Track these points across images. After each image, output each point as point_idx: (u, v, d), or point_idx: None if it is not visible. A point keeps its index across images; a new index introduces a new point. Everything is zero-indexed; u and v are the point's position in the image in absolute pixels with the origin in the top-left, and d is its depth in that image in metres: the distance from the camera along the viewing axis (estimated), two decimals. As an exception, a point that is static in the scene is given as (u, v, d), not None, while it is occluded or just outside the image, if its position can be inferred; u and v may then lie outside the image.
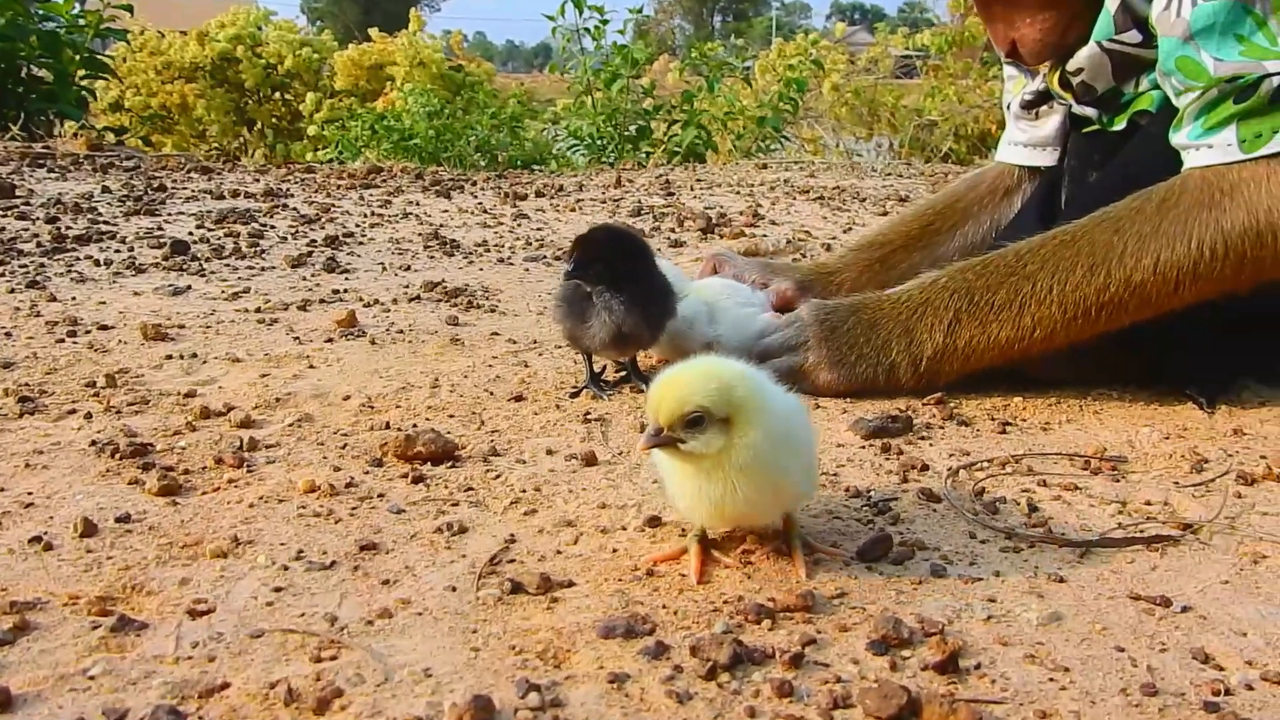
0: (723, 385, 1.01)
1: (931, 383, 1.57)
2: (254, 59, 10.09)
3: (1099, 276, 1.47)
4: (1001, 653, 0.92)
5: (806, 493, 1.11)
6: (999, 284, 1.53)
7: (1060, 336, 1.51)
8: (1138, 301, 1.46)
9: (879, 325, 1.59)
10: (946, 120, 8.47)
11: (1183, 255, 1.43)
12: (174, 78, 9.94)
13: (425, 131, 7.67)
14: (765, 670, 0.88)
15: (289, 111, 10.39)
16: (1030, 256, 1.53)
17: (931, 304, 1.57)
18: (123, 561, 1.04)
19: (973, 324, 1.54)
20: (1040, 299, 1.50)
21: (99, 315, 1.92)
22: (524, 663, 0.89)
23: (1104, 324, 1.49)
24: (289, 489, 1.22)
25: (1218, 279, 1.44)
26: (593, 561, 1.07)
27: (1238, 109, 1.42)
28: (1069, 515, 1.21)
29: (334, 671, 0.86)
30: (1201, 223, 1.43)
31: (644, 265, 1.54)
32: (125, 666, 0.86)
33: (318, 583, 1.01)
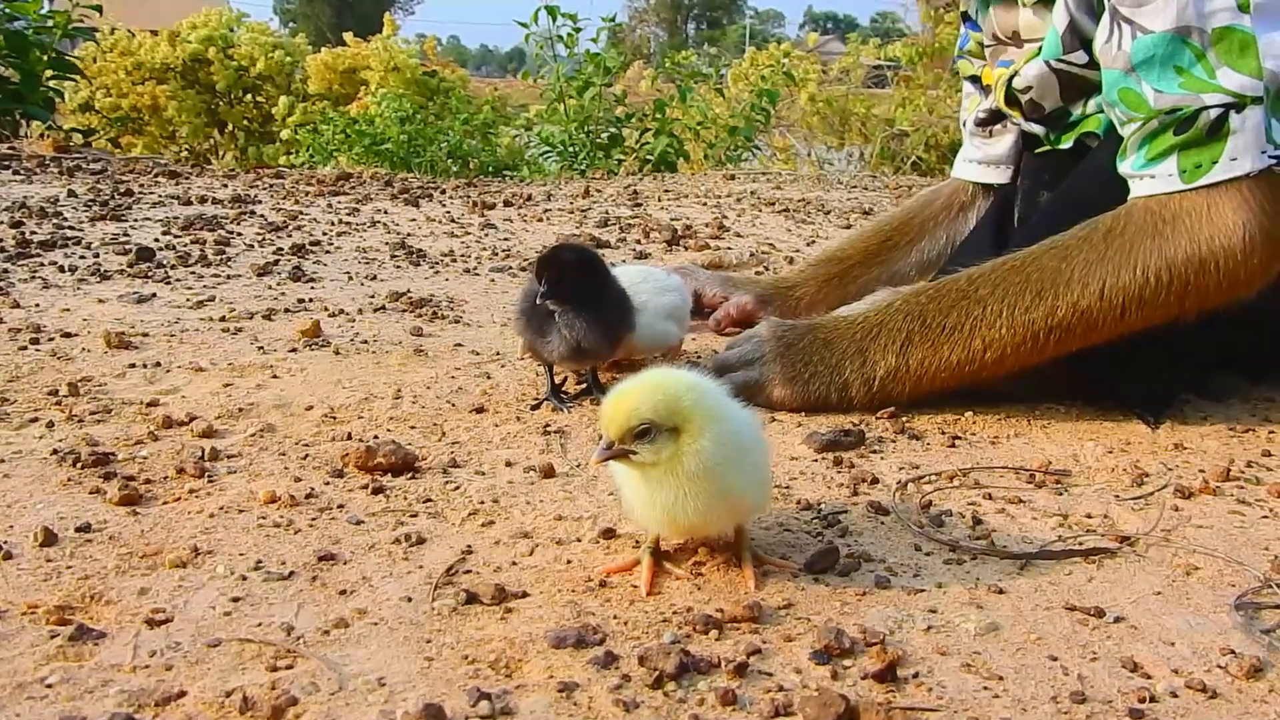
0: (668, 397, 1.04)
1: (884, 403, 1.61)
2: (226, 61, 10.05)
3: (1047, 301, 1.51)
4: (940, 662, 0.95)
5: (759, 504, 1.14)
6: (950, 307, 1.57)
7: (1010, 360, 1.55)
8: (1085, 327, 1.50)
9: (834, 344, 1.62)
10: (917, 131, 8.56)
11: (1128, 282, 1.47)
12: (145, 79, 9.88)
13: (398, 136, 7.67)
14: (710, 679, 0.91)
15: (260, 114, 10.36)
16: (981, 281, 1.57)
17: (885, 326, 1.60)
18: (82, 571, 1.05)
19: (924, 345, 1.57)
20: (990, 323, 1.54)
21: (62, 323, 1.93)
22: (476, 672, 0.91)
23: (1053, 348, 1.53)
24: (249, 499, 1.24)
25: (1163, 305, 1.48)
26: (547, 573, 1.10)
27: (1178, 140, 1.46)
28: (1012, 528, 1.25)
29: (289, 680, 0.88)
30: (1146, 250, 1.47)
31: (603, 281, 1.57)
32: (83, 675, 0.88)
33: (275, 593, 1.03)
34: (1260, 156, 1.43)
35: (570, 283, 1.52)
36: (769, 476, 1.15)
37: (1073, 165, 1.76)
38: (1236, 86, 1.43)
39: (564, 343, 1.52)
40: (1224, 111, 1.43)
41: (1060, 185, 1.76)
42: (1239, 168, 1.43)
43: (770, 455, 1.17)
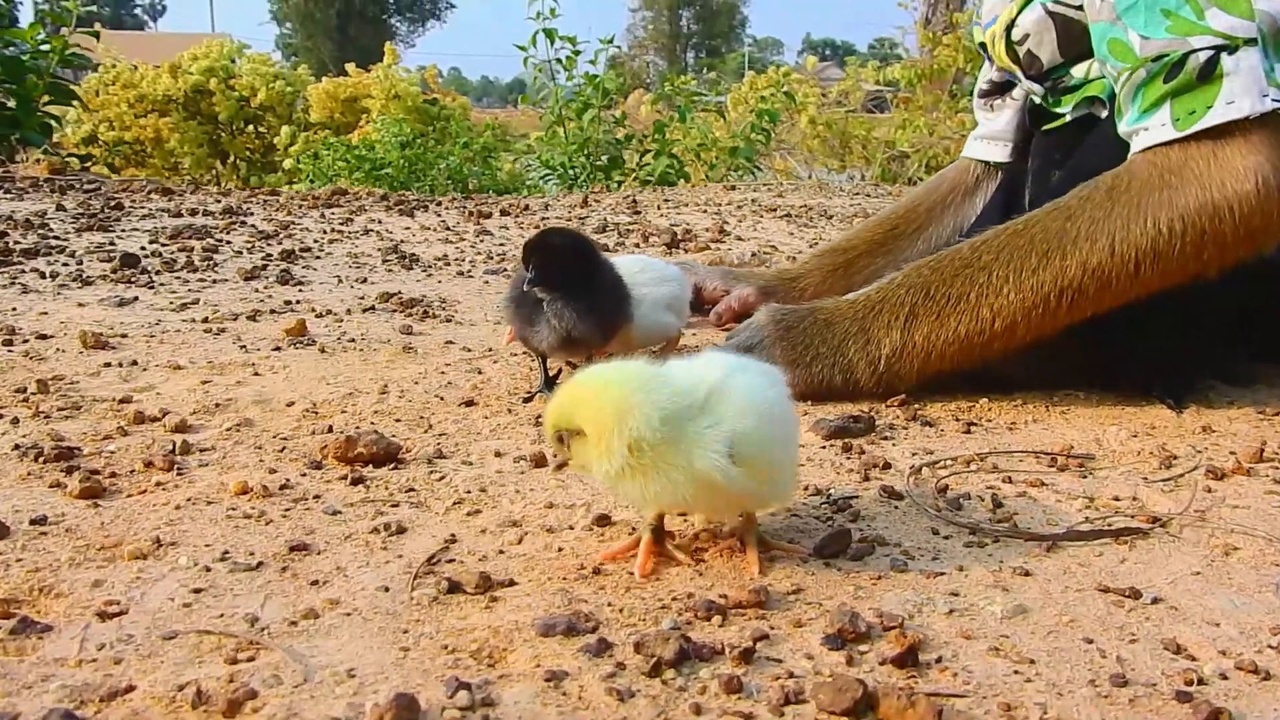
0: (574, 406, 0.98)
1: (892, 384, 1.53)
2: (227, 91, 10.04)
3: (1054, 263, 1.43)
4: (964, 646, 0.87)
5: (768, 493, 1.04)
6: (953, 277, 1.49)
7: (1021, 328, 1.46)
8: (1097, 286, 1.42)
9: (835, 325, 1.54)
10: (918, 152, 8.51)
11: (1139, 235, 1.39)
12: (147, 110, 9.86)
13: (398, 161, 7.63)
14: (713, 667, 0.83)
15: (262, 144, 10.34)
16: (984, 248, 1.49)
17: (888, 301, 1.52)
18: (32, 564, 0.97)
19: (929, 319, 1.49)
20: (997, 289, 1.45)
21: (39, 325, 1.86)
22: (456, 662, 0.83)
23: (1065, 313, 1.44)
24: (219, 490, 1.16)
25: (1180, 259, 1.39)
26: (537, 561, 1.02)
27: (1169, 87, 1.39)
28: (1034, 510, 1.16)
29: (249, 673, 0.80)
30: (1155, 203, 1.39)
31: (595, 267, 1.50)
32: (22, 670, 0.80)
33: (241, 584, 0.95)
34: (1261, 99, 1.35)
35: (559, 269, 1.45)
36: (779, 467, 1.04)
37: (1083, 143, 1.69)
38: (1226, 28, 1.35)
39: (553, 332, 1.45)
40: (1214, 55, 1.36)
41: (1069, 163, 1.69)
42: (1236, 110, 1.36)
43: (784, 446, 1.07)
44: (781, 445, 1.02)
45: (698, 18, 55.38)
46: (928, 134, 8.75)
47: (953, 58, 9.38)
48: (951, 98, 9.58)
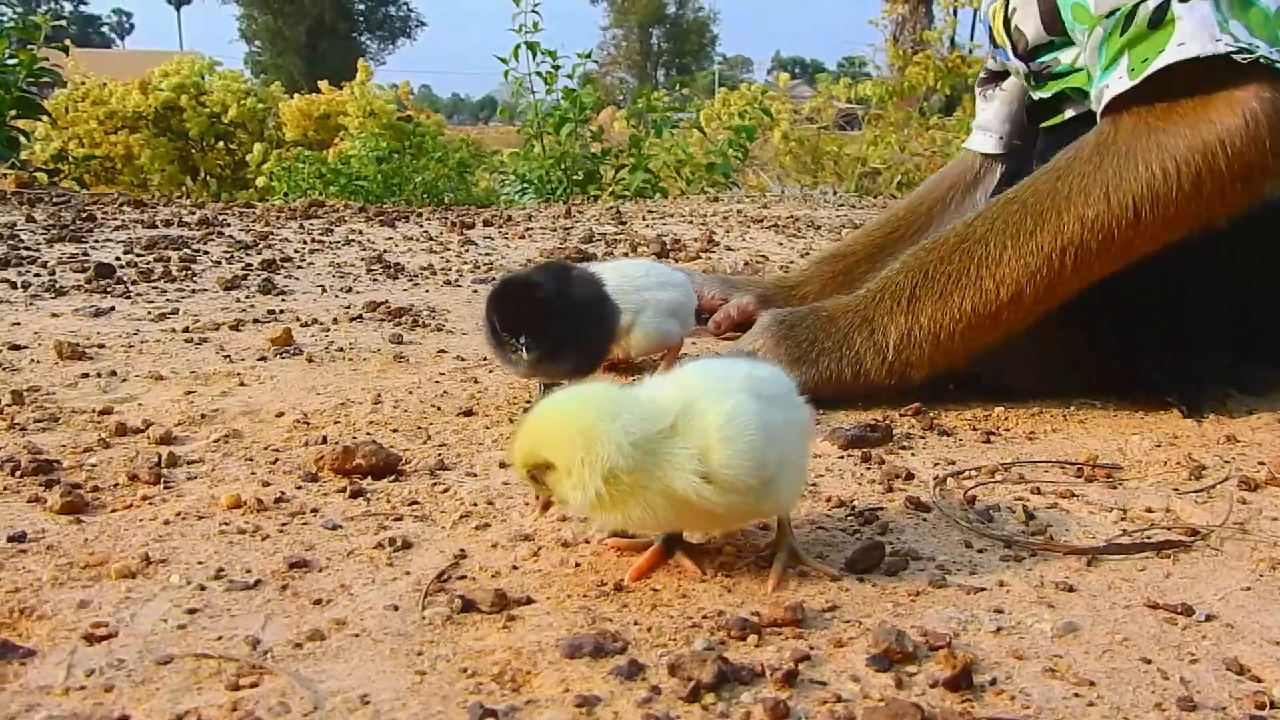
0: (529, 437, 0.92)
1: (904, 372, 1.47)
2: (198, 108, 9.92)
3: (1050, 222, 1.38)
4: (1017, 667, 0.82)
5: (767, 502, 0.96)
6: (951, 253, 1.44)
7: (1029, 296, 1.41)
8: (1100, 241, 1.37)
9: (838, 319, 1.49)
10: (889, 168, 8.54)
11: (1134, 182, 1.35)
12: (117, 127, 9.72)
13: (374, 175, 7.56)
14: (755, 690, 0.77)
15: (232, 160, 10.23)
16: (978, 223, 1.45)
17: (888, 289, 1.48)
18: (11, 584, 0.90)
19: (932, 298, 1.44)
20: (996, 259, 1.41)
21: (11, 336, 1.78)
22: (477, 686, 0.77)
23: (1071, 273, 1.39)
24: (210, 505, 1.09)
25: (1180, 201, 1.35)
26: (553, 577, 0.96)
27: (1124, 39, 1.38)
28: (1069, 523, 1.12)
29: (253, 700, 0.74)
30: (1144, 148, 1.36)
31: (569, 300, 1.38)
32: (4, 700, 0.73)
33: (239, 603, 0.89)
34: (1212, 42, 1.32)
35: (545, 322, 1.35)
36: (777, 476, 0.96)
37: None
38: None
39: (522, 364, 1.37)
40: (1164, 2, 1.35)
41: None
42: (1186, 51, 1.33)
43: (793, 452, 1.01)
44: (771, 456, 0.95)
45: (668, 36, 55.62)
46: (899, 150, 8.79)
47: (923, 76, 9.43)
48: (922, 115, 9.63)
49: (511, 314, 1.34)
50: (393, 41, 53.07)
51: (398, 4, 52.18)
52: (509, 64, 7.14)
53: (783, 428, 0.96)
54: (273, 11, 45.27)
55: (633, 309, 1.55)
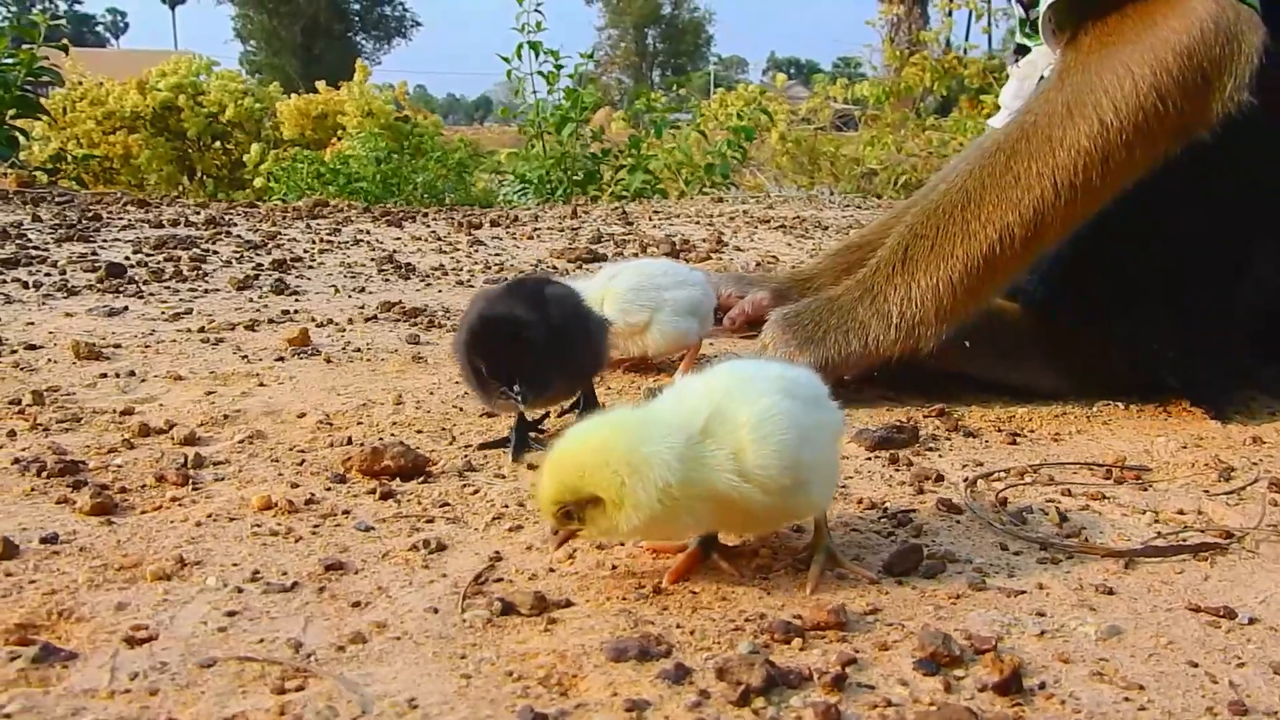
0: (567, 473, 0.89)
1: (913, 335, 1.44)
2: (196, 108, 9.90)
3: (1023, 151, 1.39)
4: (1064, 670, 0.81)
5: (801, 503, 0.95)
6: (936, 208, 1.44)
7: (1019, 234, 1.39)
8: (1076, 161, 1.37)
9: (839, 298, 1.49)
10: (886, 169, 8.53)
11: (1097, 94, 1.36)
12: (115, 128, 9.70)
13: (373, 176, 7.55)
14: (804, 694, 0.76)
15: (229, 160, 10.20)
16: (958, 179, 1.45)
17: (883, 260, 1.47)
18: (48, 585, 0.90)
19: (926, 255, 1.43)
20: (978, 200, 1.40)
21: (26, 335, 1.77)
22: (525, 690, 0.76)
23: (1056, 201, 1.38)
24: (241, 506, 1.08)
25: (1149, 110, 1.35)
26: (591, 580, 0.95)
27: None
28: (1102, 525, 1.11)
29: (301, 704, 0.73)
30: (1100, 64, 1.38)
31: (550, 331, 1.24)
32: (49, 703, 0.72)
33: (277, 606, 0.88)
34: None
35: (533, 359, 1.22)
36: (811, 476, 0.95)
37: None
38: None
39: (506, 406, 1.27)
40: None
41: None
42: None
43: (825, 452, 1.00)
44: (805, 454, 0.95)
45: (664, 36, 55.62)
46: (895, 151, 8.78)
47: (919, 77, 9.43)
48: (918, 115, 9.63)
49: (500, 358, 1.21)
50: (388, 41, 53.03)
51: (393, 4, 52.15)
52: (511, 63, 7.13)
53: (814, 428, 0.96)
54: (268, 11, 45.20)
55: (651, 308, 1.55)
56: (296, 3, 44.81)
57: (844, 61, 28.28)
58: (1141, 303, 1.49)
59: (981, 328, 1.50)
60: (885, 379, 1.56)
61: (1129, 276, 1.49)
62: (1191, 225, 1.47)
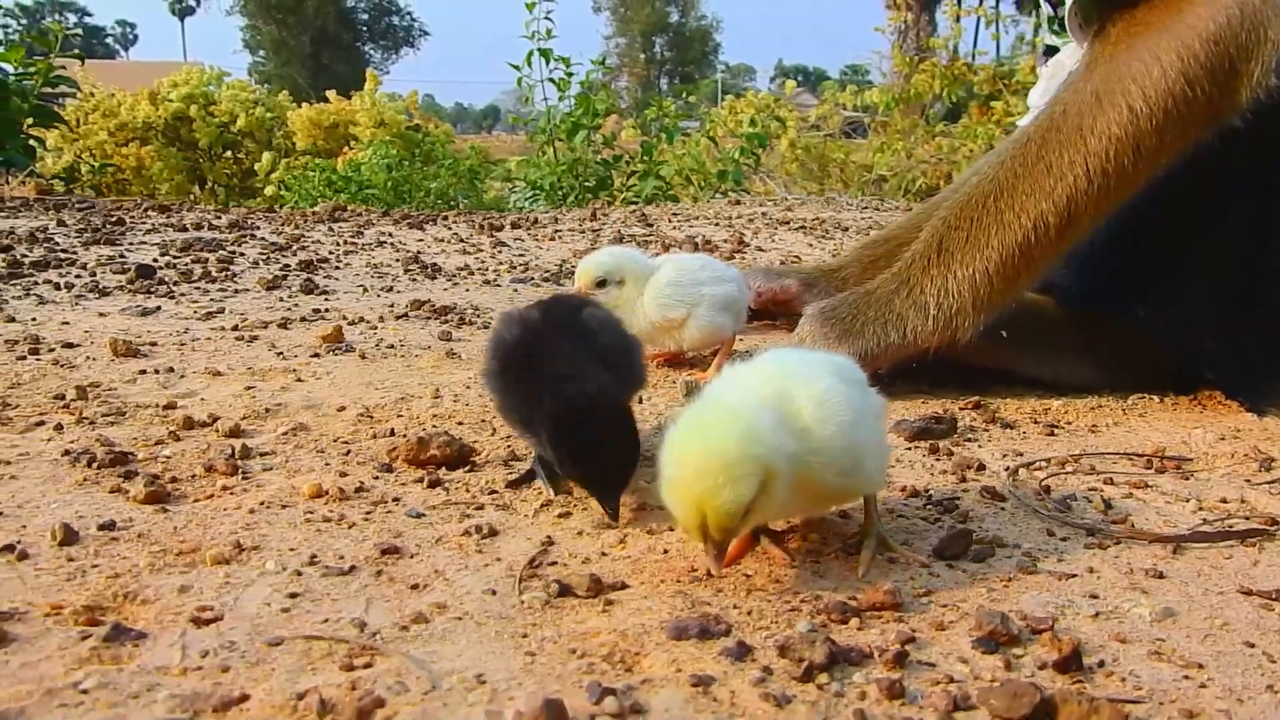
0: (730, 482, 0.84)
1: (951, 325, 1.44)
2: (208, 118, 9.95)
3: (1053, 141, 1.40)
4: (1122, 650, 0.82)
5: (854, 482, 0.95)
6: (969, 200, 1.45)
7: (1053, 223, 1.40)
8: (1108, 148, 1.37)
9: (875, 290, 1.50)
10: (896, 175, 8.53)
11: (1126, 82, 1.37)
12: (128, 139, 9.75)
13: (384, 184, 7.58)
14: (866, 671, 0.77)
15: (240, 170, 10.25)
16: (987, 171, 1.47)
17: (918, 253, 1.48)
18: (110, 569, 0.91)
19: (961, 246, 1.43)
20: (1011, 189, 1.41)
21: (62, 334, 1.78)
22: (590, 667, 0.77)
23: (1089, 189, 1.39)
24: (292, 494, 1.09)
25: (1178, 96, 1.36)
26: (643, 563, 0.96)
27: None
28: (1147, 512, 1.12)
29: (371, 680, 0.74)
30: (1129, 54, 1.38)
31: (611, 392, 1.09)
32: (123, 679, 0.73)
33: (337, 588, 0.89)
34: None
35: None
36: (864, 455, 0.95)
37: None
38: None
39: None
40: None
41: None
42: None
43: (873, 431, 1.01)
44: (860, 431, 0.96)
45: (671, 44, 55.69)
46: (905, 157, 8.78)
47: (929, 84, 9.43)
48: (927, 122, 9.63)
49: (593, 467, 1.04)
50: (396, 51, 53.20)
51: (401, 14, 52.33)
52: (522, 70, 7.15)
53: (865, 410, 0.97)
54: (276, 22, 45.37)
55: (689, 303, 1.56)
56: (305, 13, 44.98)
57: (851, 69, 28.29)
58: (1177, 295, 1.49)
59: (1014, 321, 1.51)
60: (918, 373, 1.56)
61: (1164, 269, 1.50)
62: (1227, 217, 1.48)
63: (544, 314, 1.18)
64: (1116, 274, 1.53)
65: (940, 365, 1.52)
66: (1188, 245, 1.49)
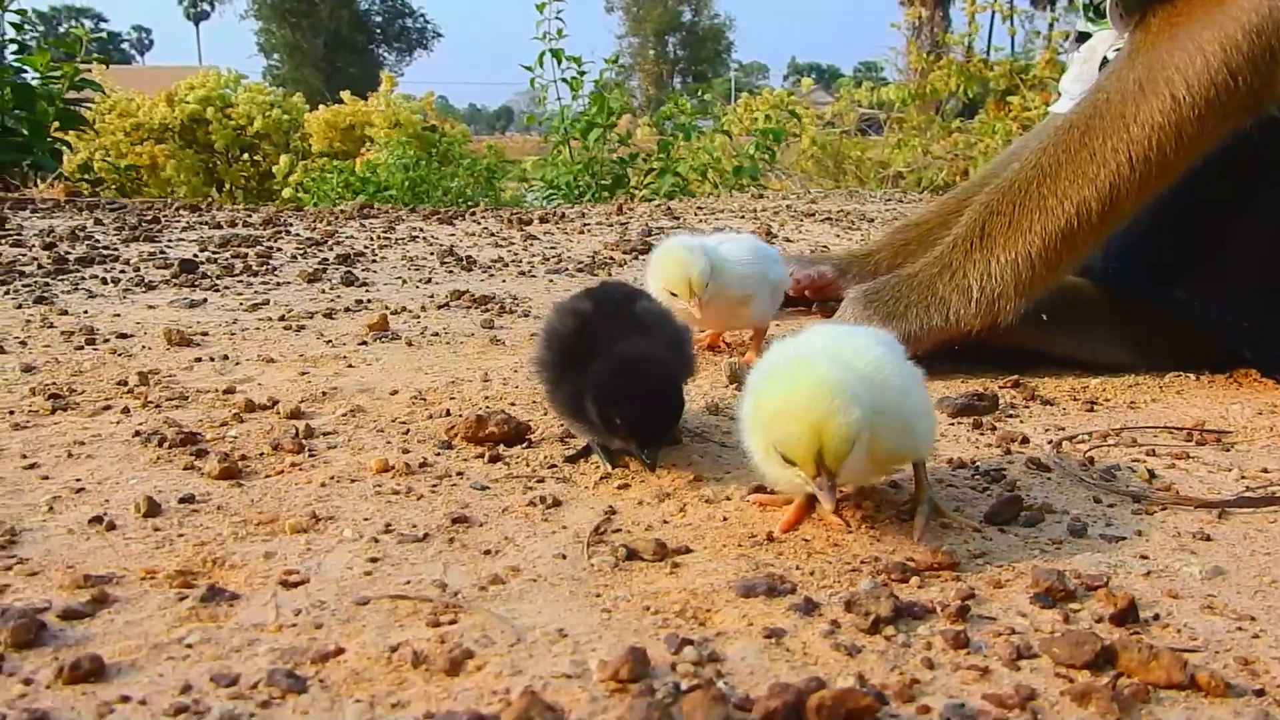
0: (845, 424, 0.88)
1: (993, 309, 1.47)
2: (224, 120, 10.03)
3: (1097, 127, 1.42)
4: (1175, 605, 0.85)
5: (908, 446, 0.99)
6: (1011, 185, 1.48)
7: (1095, 208, 1.42)
8: (1150, 135, 1.40)
9: (917, 274, 1.53)
10: (913, 172, 8.53)
11: (1170, 70, 1.39)
12: (144, 139, 9.84)
13: (401, 184, 7.63)
14: (930, 624, 0.80)
15: (257, 172, 10.33)
16: (1029, 157, 1.49)
17: (959, 237, 1.51)
18: (196, 538, 0.94)
19: (1004, 231, 1.46)
20: (1054, 175, 1.44)
21: (115, 325, 1.83)
22: (664, 621, 0.80)
23: (1131, 174, 1.41)
24: (359, 469, 1.13)
25: (1220, 86, 1.38)
26: (704, 530, 0.99)
27: None
28: (1190, 481, 1.15)
29: (458, 634, 0.78)
30: (1171, 43, 1.40)
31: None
32: (224, 635, 0.77)
33: (414, 554, 0.92)
34: None
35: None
36: (914, 419, 0.99)
37: None
38: None
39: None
40: None
41: None
42: None
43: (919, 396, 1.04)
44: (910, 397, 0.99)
45: (684, 43, 55.64)
46: (922, 154, 8.77)
47: (945, 81, 9.42)
48: (943, 119, 9.62)
49: (645, 420, 1.08)
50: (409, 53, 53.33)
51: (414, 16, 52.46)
52: (535, 71, 7.18)
53: (913, 379, 1.01)
54: (290, 25, 45.55)
55: (750, 288, 1.58)
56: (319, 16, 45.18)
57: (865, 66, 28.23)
58: (1216, 277, 1.52)
59: (1052, 303, 1.53)
60: (957, 354, 1.59)
61: (1203, 252, 1.52)
62: (1265, 200, 1.50)
63: (596, 305, 1.21)
64: (1155, 256, 1.56)
65: (978, 345, 1.55)
66: (1226, 228, 1.51)
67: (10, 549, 0.91)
